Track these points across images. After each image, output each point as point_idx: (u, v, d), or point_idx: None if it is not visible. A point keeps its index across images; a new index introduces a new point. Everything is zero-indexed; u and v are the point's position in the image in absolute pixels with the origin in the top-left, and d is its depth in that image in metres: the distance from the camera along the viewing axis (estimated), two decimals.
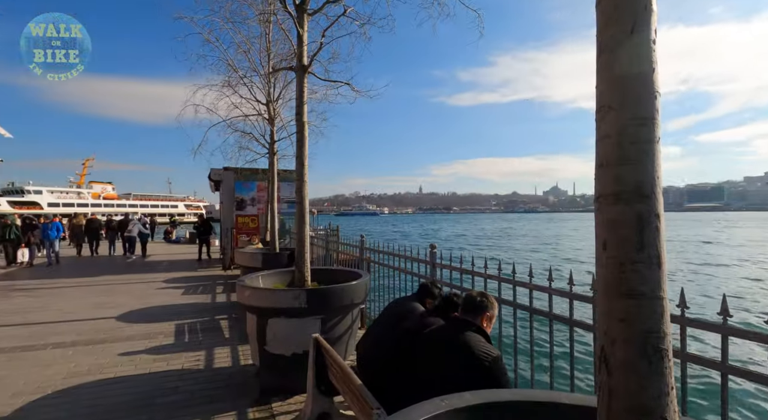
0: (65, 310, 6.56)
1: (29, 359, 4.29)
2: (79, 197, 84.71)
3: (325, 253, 7.63)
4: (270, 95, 7.16)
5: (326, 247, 7.77)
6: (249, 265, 6.69)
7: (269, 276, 4.31)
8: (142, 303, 7.12)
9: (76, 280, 9.57)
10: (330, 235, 8.29)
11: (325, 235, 9.37)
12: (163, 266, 12.63)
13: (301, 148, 3.85)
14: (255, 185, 11.94)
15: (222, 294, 8.01)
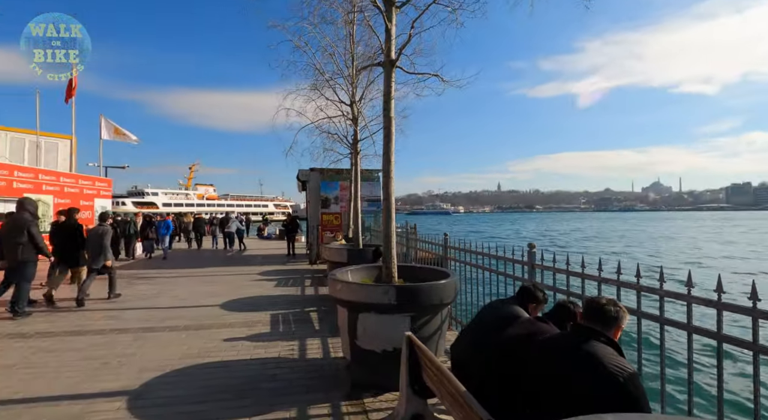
0: (178, 297, 7.38)
1: (150, 339, 4.86)
2: (187, 198, 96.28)
3: (405, 250, 7.58)
4: (353, 96, 7.30)
5: (406, 245, 7.72)
6: (335, 260, 6.89)
7: (357, 271, 4.35)
8: (240, 293, 7.74)
9: (185, 271, 10.79)
10: (409, 233, 8.25)
11: (405, 232, 9.36)
12: (257, 260, 13.72)
13: (388, 145, 3.81)
14: (338, 184, 12.38)
15: (310, 287, 8.40)
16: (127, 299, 7.19)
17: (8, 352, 4.35)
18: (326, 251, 7.23)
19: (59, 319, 5.78)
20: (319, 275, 10.04)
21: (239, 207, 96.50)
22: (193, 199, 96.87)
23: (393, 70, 3.73)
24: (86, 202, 15.55)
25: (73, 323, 5.58)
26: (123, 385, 3.50)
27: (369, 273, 4.40)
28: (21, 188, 12.30)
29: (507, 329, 2.31)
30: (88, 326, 5.42)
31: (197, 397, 3.29)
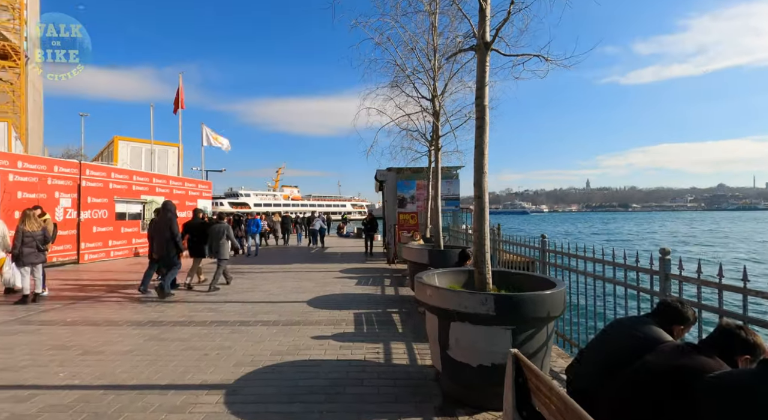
0: (269, 292, 7.76)
1: (245, 333, 5.09)
2: (274, 198, 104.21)
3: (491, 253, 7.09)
4: (434, 90, 7.01)
5: (492, 247, 7.22)
6: (416, 260, 6.67)
7: (445, 275, 4.06)
8: (324, 290, 7.91)
9: (274, 267, 11.42)
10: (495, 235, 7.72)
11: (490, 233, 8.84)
12: (337, 257, 14.11)
13: (481, 136, 3.46)
14: (415, 184, 12.17)
15: (390, 287, 8.30)
16: (226, 293, 7.74)
17: (126, 339, 4.84)
18: (406, 251, 7.06)
19: (168, 309, 6.37)
20: (397, 275, 9.93)
21: (320, 207, 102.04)
22: (280, 199, 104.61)
23: (488, 54, 3.37)
24: (191, 202, 17.35)
25: (180, 314, 6.09)
26: (221, 379, 3.63)
27: (457, 277, 4.09)
28: (139, 190, 14.10)
29: (644, 356, 1.87)
30: (192, 317, 5.87)
31: (287, 396, 3.28)
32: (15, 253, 6.38)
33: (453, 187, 12.14)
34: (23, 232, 6.43)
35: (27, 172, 10.29)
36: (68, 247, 11.36)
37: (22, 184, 10.14)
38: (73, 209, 11.51)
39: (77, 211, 11.63)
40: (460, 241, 10.29)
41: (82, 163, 11.88)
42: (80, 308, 6.39)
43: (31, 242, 6.50)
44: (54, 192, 10.97)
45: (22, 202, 10.14)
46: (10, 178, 9.86)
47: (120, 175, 13.31)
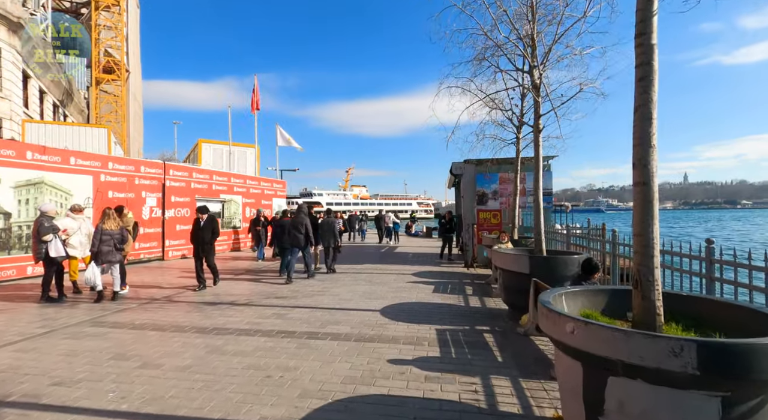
0: (339, 297, 7.10)
1: (313, 349, 4.39)
2: (344, 197, 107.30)
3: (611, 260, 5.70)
4: (533, 59, 5.76)
5: (610, 253, 5.82)
6: (511, 268, 5.51)
7: (573, 296, 2.93)
8: (398, 297, 7.06)
9: (345, 267, 10.86)
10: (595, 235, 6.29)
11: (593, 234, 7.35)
12: (408, 258, 13.24)
13: (648, 92, 2.30)
14: (497, 177, 10.84)
15: (473, 297, 7.20)
16: (295, 296, 7.24)
17: (189, 350, 4.39)
18: (497, 257, 5.91)
19: (237, 314, 5.96)
20: (480, 282, 8.76)
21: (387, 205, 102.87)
22: (349, 198, 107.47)
23: None
24: (266, 201, 17.68)
25: (247, 320, 5.62)
26: (282, 416, 2.91)
27: (591, 300, 2.93)
28: (218, 190, 14.50)
29: None
30: (259, 325, 5.34)
31: None
32: (93, 251, 6.41)
33: (544, 181, 10.56)
34: (102, 230, 6.45)
35: (117, 172, 10.87)
36: (154, 245, 11.89)
37: (112, 184, 10.72)
38: (158, 208, 12.02)
39: (162, 210, 12.14)
40: (556, 244, 8.82)
41: (166, 164, 12.40)
42: (152, 309, 6.23)
43: (109, 241, 6.50)
44: (141, 191, 11.51)
45: (113, 201, 10.69)
46: (102, 179, 10.45)
47: (201, 175, 13.76)
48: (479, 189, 10.85)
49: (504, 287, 5.75)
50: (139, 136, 40.61)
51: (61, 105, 25.59)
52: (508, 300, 5.74)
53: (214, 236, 7.83)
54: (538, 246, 5.73)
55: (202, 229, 7.67)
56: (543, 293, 2.82)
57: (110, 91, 25.74)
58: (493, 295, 7.29)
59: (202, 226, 7.69)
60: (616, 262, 5.64)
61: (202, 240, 7.70)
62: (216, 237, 7.90)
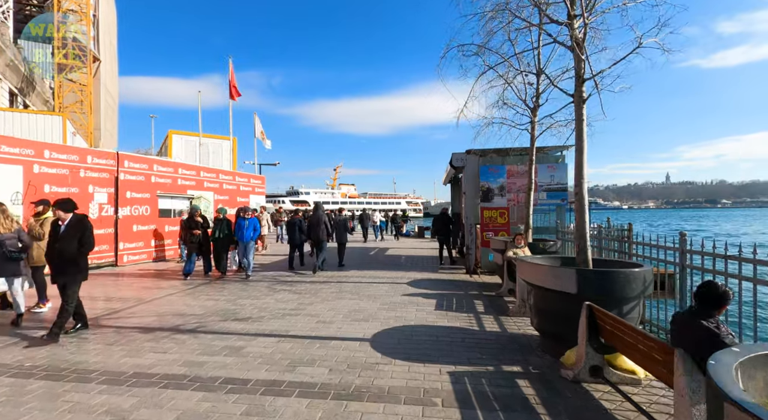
0: (318, 318, 5.57)
1: (269, 416, 2.86)
2: (332, 196, 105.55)
3: None
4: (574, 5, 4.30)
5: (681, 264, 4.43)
6: (548, 286, 4.05)
7: (750, 367, 1.46)
8: (394, 317, 5.57)
9: (328, 275, 9.32)
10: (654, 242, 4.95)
11: (611, 233, 6.05)
12: (401, 262, 11.76)
13: None
14: (504, 170, 9.42)
15: (487, 315, 5.74)
16: (263, 314, 5.69)
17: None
18: (526, 270, 4.43)
19: (176, 347, 4.39)
20: (489, 294, 7.33)
21: (376, 204, 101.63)
22: (337, 197, 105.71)
23: None
24: (242, 198, 15.98)
25: (183, 359, 4.05)
26: None
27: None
28: (185, 185, 12.79)
29: None
30: (200, 368, 3.79)
31: None
32: None
33: (557, 174, 9.21)
34: None
35: (56, 162, 9.12)
36: (104, 248, 10.15)
37: (49, 176, 8.97)
38: (109, 205, 10.29)
39: (115, 208, 10.41)
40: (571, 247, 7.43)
41: (119, 154, 10.67)
42: (62, 339, 4.62)
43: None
44: (87, 185, 9.78)
45: (50, 197, 8.95)
46: (36, 170, 8.70)
47: (163, 167, 12.03)
48: (483, 183, 9.42)
49: (537, 310, 4.29)
50: (113, 130, 38.25)
51: (21, 93, 23.37)
52: (542, 327, 4.29)
53: (85, 249, 4.78)
54: (582, 256, 4.28)
55: (60, 239, 4.66)
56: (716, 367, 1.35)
57: (77, 80, 23.68)
58: (510, 312, 5.84)
59: (61, 234, 4.68)
60: (685, 278, 4.23)
61: (62, 256, 4.61)
62: (88, 249, 4.85)
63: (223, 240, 8.85)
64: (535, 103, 7.74)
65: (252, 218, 8.97)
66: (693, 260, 4.22)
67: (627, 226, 6.93)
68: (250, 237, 8.80)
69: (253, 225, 8.86)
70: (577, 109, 4.34)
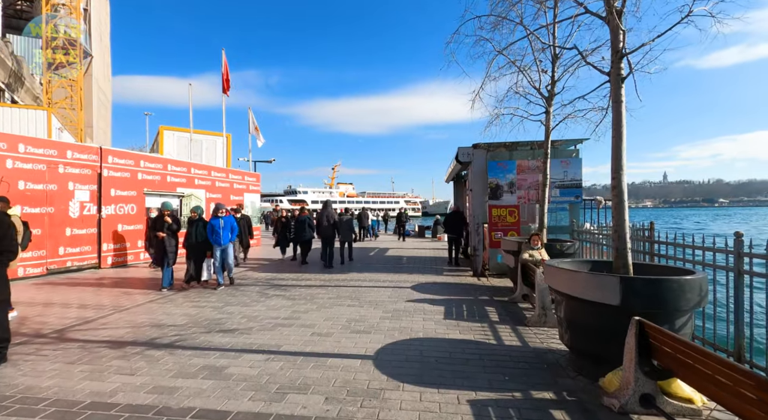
0: (313, 330, 4.95)
1: None
2: (330, 195, 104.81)
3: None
4: None
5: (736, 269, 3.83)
6: (584, 297, 3.43)
7: None
8: (399, 328, 4.96)
9: (327, 277, 8.70)
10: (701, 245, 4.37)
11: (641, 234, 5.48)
12: (403, 264, 11.14)
13: None
14: (514, 165, 8.80)
15: (503, 326, 5.13)
16: (252, 325, 5.07)
17: None
18: (557, 277, 3.79)
19: (147, 367, 3.76)
20: (500, 299, 6.72)
21: (374, 203, 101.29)
22: (336, 196, 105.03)
23: None
24: (236, 196, 15.34)
25: (153, 384, 3.43)
26: None
27: None
28: (175, 182, 12.13)
29: None
30: (170, 397, 3.16)
31: None
32: None
33: (571, 170, 8.59)
34: None
35: (31, 157, 8.46)
36: (86, 250, 9.50)
37: (24, 172, 8.31)
38: (92, 204, 9.63)
39: (98, 206, 9.75)
40: (594, 251, 6.85)
41: (103, 149, 10.00)
42: (20, 355, 3.98)
43: None
44: (67, 182, 9.12)
45: (25, 194, 8.31)
46: (9, 165, 8.03)
47: (151, 163, 11.37)
48: (492, 180, 8.81)
49: (569, 324, 3.68)
50: (106, 128, 37.50)
51: (8, 88, 22.60)
52: (575, 344, 3.68)
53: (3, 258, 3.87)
54: (622, 260, 3.66)
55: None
56: None
57: (66, 75, 22.96)
58: (528, 322, 5.23)
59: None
60: (742, 286, 3.61)
61: None
62: (7, 259, 3.90)
63: (198, 245, 7.40)
64: (550, 92, 7.13)
65: (228, 217, 7.59)
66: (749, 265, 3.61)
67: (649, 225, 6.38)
68: (228, 239, 7.49)
69: (230, 225, 7.56)
70: (615, 89, 3.72)
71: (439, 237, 20.56)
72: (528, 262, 6.03)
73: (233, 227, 7.64)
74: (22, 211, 8.21)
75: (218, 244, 7.40)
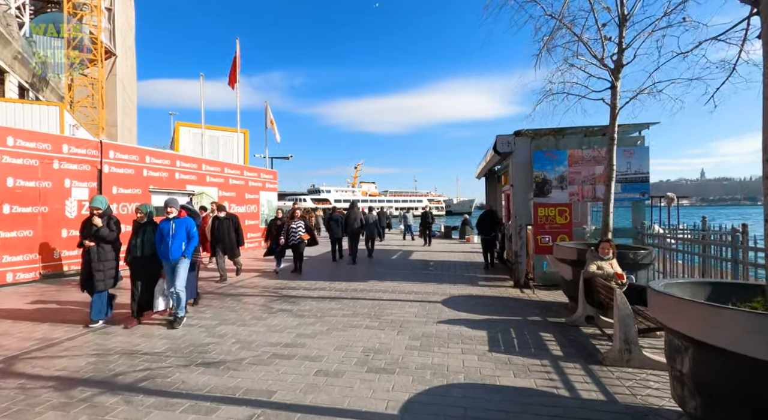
0: (319, 363, 3.81)
1: None
2: (353, 194, 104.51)
3: None
4: None
5: None
6: (722, 344, 2.12)
7: None
8: (430, 364, 3.75)
9: (342, 286, 7.57)
10: None
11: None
12: (430, 270, 9.88)
13: None
14: (565, 156, 7.41)
15: (571, 366, 3.83)
16: (242, 359, 3.98)
17: None
18: (670, 309, 2.51)
19: None
20: (557, 320, 5.39)
21: (396, 202, 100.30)
22: (358, 195, 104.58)
23: None
24: (251, 195, 14.49)
25: None
26: None
27: None
28: (184, 179, 11.31)
29: None
30: None
31: None
32: None
33: (635, 161, 7.11)
34: None
35: (22, 151, 7.71)
36: None
37: (14, 167, 7.57)
38: None
39: None
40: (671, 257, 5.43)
41: (103, 143, 9.23)
42: None
43: None
44: (63, 179, 8.36)
45: (15, 192, 7.58)
46: None
47: (158, 159, 10.57)
48: (538, 173, 7.43)
49: (701, 386, 2.36)
50: (132, 127, 37.90)
51: (32, 88, 22.73)
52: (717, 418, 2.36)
53: None
54: None
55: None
56: None
57: (89, 74, 22.90)
58: (605, 359, 3.90)
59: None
60: None
61: None
62: None
63: (146, 261, 5.15)
64: (616, 62, 5.74)
65: (181, 219, 5.22)
66: None
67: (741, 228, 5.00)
68: (179, 252, 5.08)
69: (183, 231, 5.15)
70: None
71: (467, 238, 19.14)
72: (597, 277, 4.69)
73: (190, 233, 5.22)
74: (11, 210, 7.50)
75: (165, 258, 5.09)
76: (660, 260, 6.35)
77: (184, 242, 5.14)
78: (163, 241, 5.09)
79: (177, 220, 5.17)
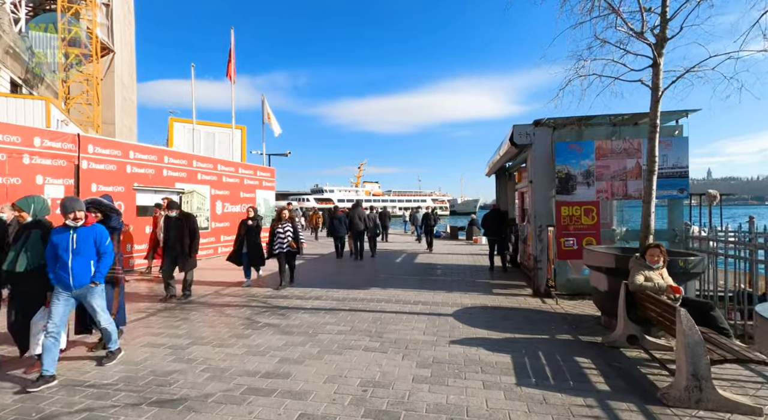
0: (304, 405, 3.00)
1: None
2: (356, 194, 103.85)
3: None
4: None
5: None
6: None
7: None
8: (445, 406, 2.93)
9: (340, 296, 6.76)
10: None
11: None
12: (438, 275, 9.02)
13: None
14: (592, 148, 6.55)
15: (624, 407, 2.99)
16: (209, 396, 3.17)
17: None
18: None
19: None
20: (591, 340, 4.54)
21: (400, 202, 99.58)
22: (362, 195, 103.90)
23: None
24: (247, 193, 13.72)
25: None
26: None
27: None
28: (172, 177, 10.54)
29: None
30: None
31: None
32: None
33: (672, 153, 6.25)
34: None
35: None
36: None
37: None
38: None
39: None
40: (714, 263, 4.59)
41: (81, 136, 8.47)
42: None
43: None
44: (34, 175, 7.61)
45: None
46: None
47: (144, 155, 9.81)
48: (561, 168, 6.58)
49: None
50: (132, 126, 37.30)
51: (26, 84, 22.09)
52: None
53: None
54: None
55: None
56: None
57: (84, 71, 22.26)
58: (668, 398, 3.06)
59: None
60: None
61: None
62: None
63: (25, 280, 3.59)
64: (659, 36, 4.89)
65: (88, 227, 3.60)
66: None
67: None
68: (86, 278, 3.55)
69: (92, 241, 3.59)
70: None
71: (475, 239, 18.30)
72: (647, 290, 3.85)
73: (101, 248, 3.64)
74: None
75: (65, 285, 3.48)
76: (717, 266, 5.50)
77: (92, 261, 3.57)
78: (57, 260, 3.46)
79: (81, 230, 3.54)
